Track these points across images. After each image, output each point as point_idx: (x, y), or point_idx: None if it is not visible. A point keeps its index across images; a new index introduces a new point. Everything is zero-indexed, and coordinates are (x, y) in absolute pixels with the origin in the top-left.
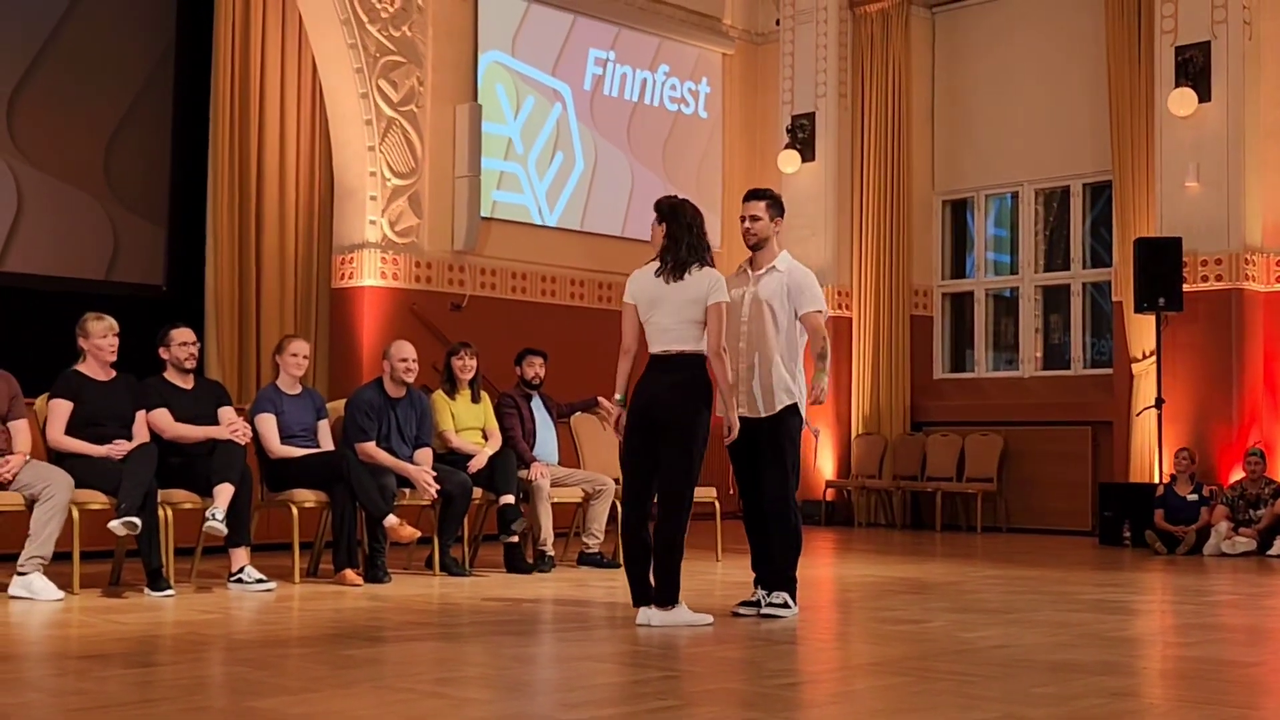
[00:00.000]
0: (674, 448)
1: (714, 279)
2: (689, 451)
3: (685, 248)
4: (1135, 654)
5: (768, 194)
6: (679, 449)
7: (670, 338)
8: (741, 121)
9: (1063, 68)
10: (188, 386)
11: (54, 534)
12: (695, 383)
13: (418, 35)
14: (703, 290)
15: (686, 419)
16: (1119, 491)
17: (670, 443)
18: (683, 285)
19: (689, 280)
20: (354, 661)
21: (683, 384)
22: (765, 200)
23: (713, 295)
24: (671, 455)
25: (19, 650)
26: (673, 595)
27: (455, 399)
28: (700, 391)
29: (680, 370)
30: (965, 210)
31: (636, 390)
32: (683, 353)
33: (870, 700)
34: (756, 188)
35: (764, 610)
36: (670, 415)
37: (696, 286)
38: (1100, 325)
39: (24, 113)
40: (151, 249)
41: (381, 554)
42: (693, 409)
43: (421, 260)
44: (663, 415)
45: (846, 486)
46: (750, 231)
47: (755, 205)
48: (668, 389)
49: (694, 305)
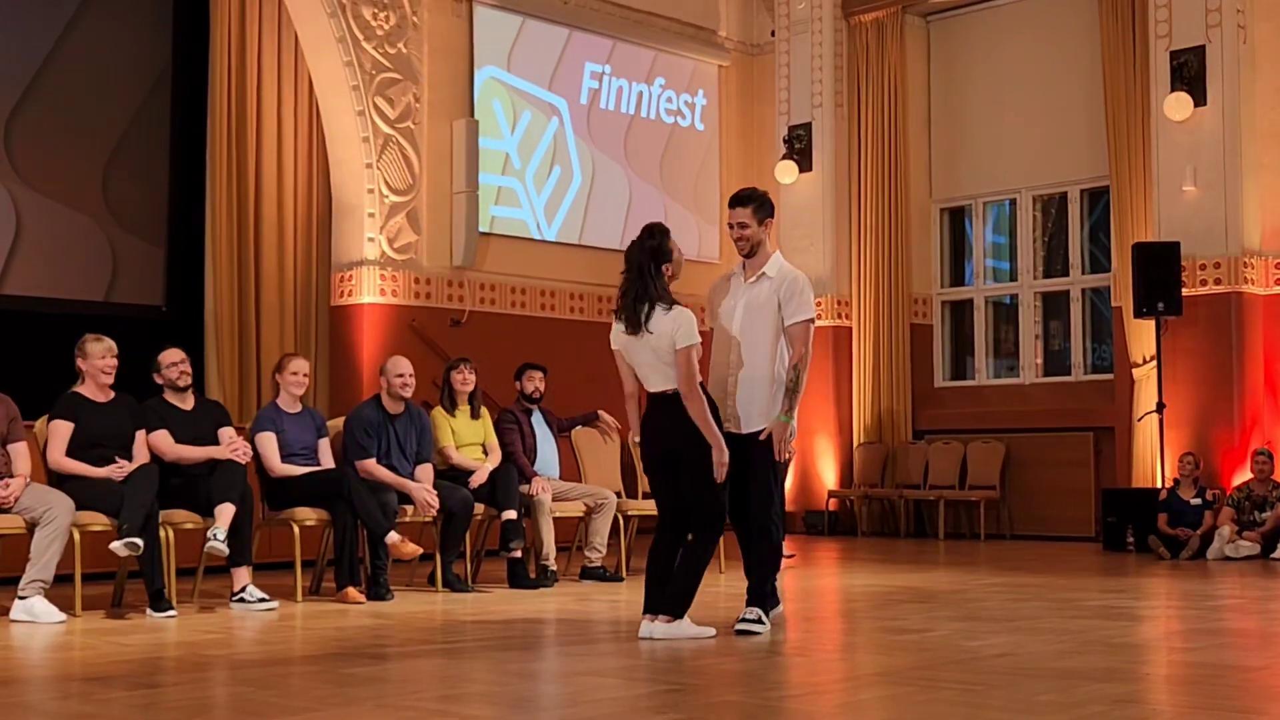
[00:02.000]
0: (696, 481)
1: (677, 321)
2: (710, 483)
3: (633, 298)
4: (1140, 660)
5: (753, 196)
6: (701, 482)
7: (656, 380)
8: (738, 133)
9: (1058, 74)
10: (188, 407)
11: (55, 557)
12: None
13: (413, 52)
14: (667, 337)
15: (700, 452)
16: (1122, 497)
17: (690, 477)
18: (649, 337)
19: (653, 328)
20: (357, 680)
21: (686, 419)
22: (752, 205)
23: (679, 339)
24: (695, 489)
25: (21, 674)
26: (681, 609)
27: (455, 415)
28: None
29: (679, 407)
30: (963, 218)
31: (644, 429)
32: (677, 391)
33: (875, 711)
34: (740, 191)
35: (738, 627)
36: (682, 451)
37: (660, 334)
38: (1100, 331)
39: (21, 136)
40: (150, 270)
41: (384, 571)
42: (703, 442)
43: (420, 276)
44: (676, 451)
45: (849, 496)
46: (741, 239)
47: (742, 212)
48: (673, 426)
49: (666, 350)
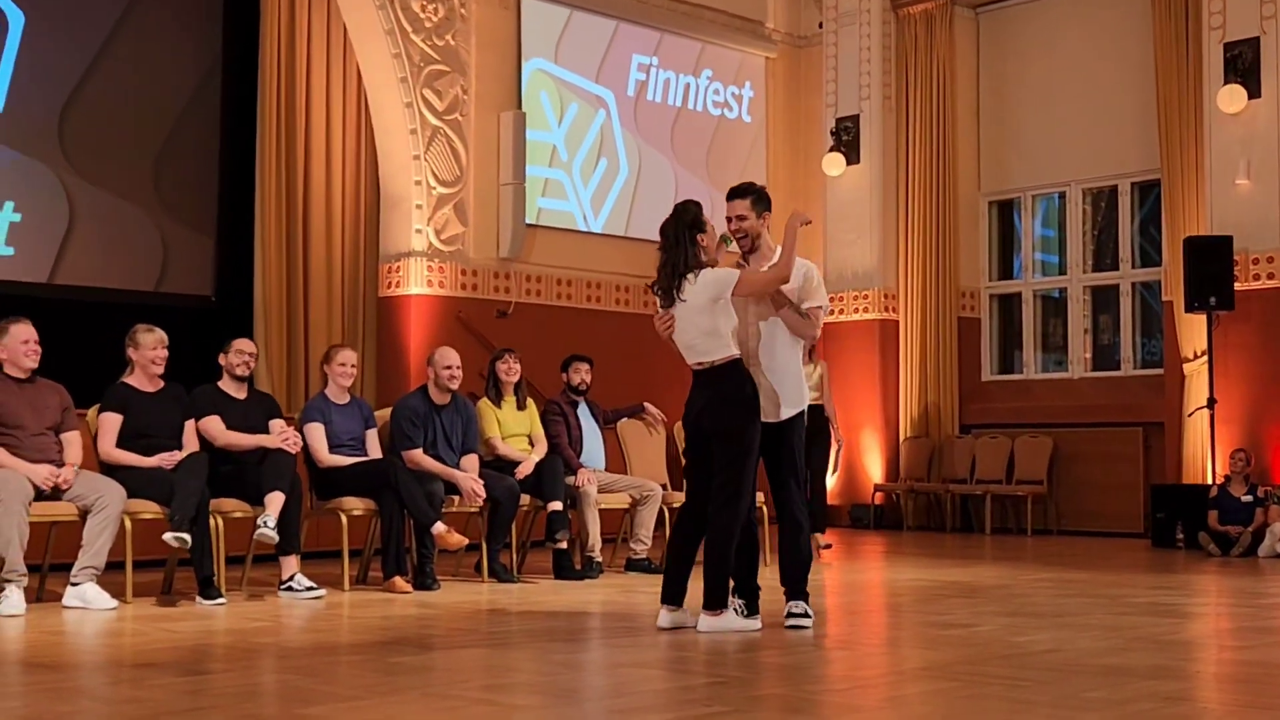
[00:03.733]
0: (724, 458)
1: (706, 280)
2: (737, 461)
3: (668, 270)
4: (1189, 658)
5: (750, 189)
6: (728, 459)
7: (693, 352)
8: (785, 125)
9: (1109, 66)
10: (241, 396)
11: (107, 544)
12: (736, 393)
13: (461, 44)
14: (701, 300)
15: (733, 429)
16: (1172, 493)
17: (720, 453)
18: (683, 306)
19: (686, 295)
20: (403, 669)
21: (723, 397)
22: (750, 197)
23: (720, 289)
24: (721, 465)
25: (74, 659)
26: (720, 600)
27: (501, 406)
28: (742, 399)
29: (717, 383)
30: (1012, 211)
31: (687, 404)
32: (713, 364)
33: (920, 705)
34: (737, 185)
35: (789, 623)
36: (716, 426)
37: (693, 301)
38: (1150, 325)
39: (74, 127)
40: (201, 260)
41: (430, 561)
42: (737, 419)
43: (467, 268)
44: (709, 426)
45: (895, 490)
46: (740, 231)
47: (740, 204)
48: (710, 402)
49: (703, 317)
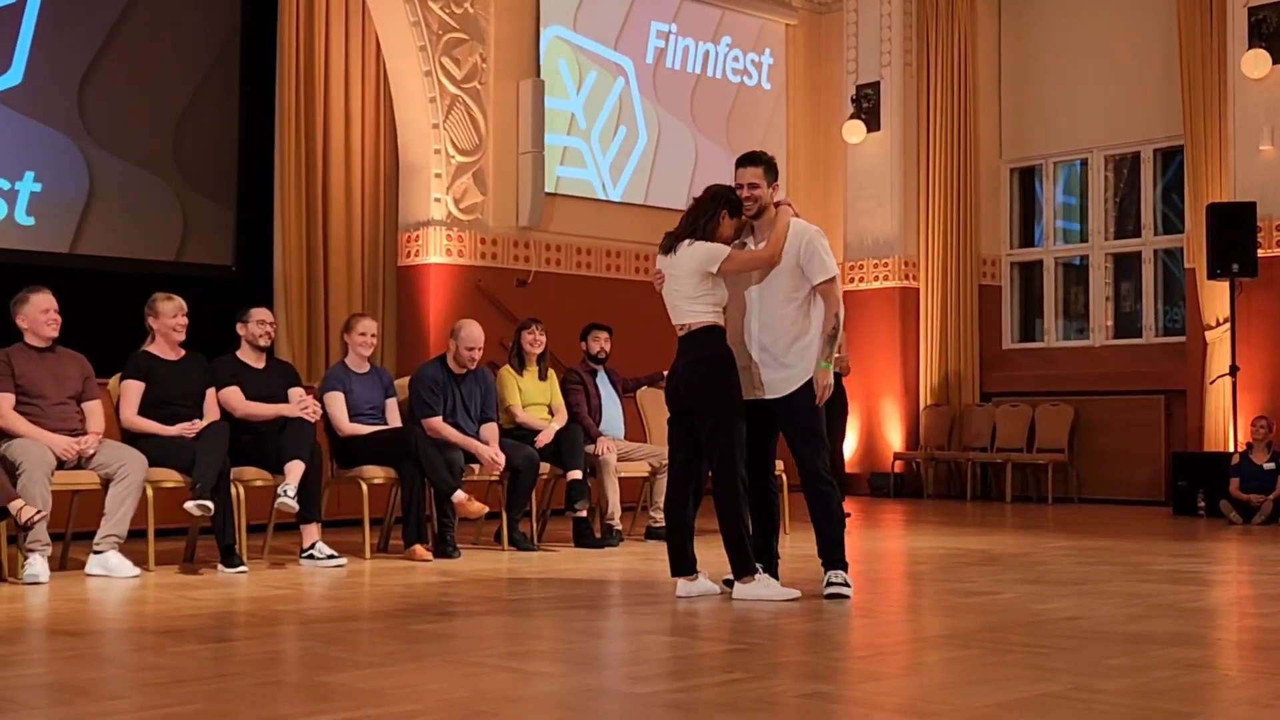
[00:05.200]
0: (706, 428)
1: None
2: (720, 429)
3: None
4: (1210, 625)
5: (762, 157)
6: (710, 429)
7: (676, 313)
8: (805, 92)
9: (1132, 31)
10: (260, 366)
11: (129, 512)
12: (705, 359)
13: (480, 12)
14: (688, 265)
15: (703, 395)
16: (1193, 461)
17: (701, 423)
18: (673, 260)
19: (680, 252)
20: (424, 636)
21: (694, 363)
22: (762, 165)
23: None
24: (707, 437)
25: (97, 626)
26: (746, 568)
27: (523, 375)
28: (712, 366)
29: (691, 349)
30: (1033, 178)
31: (669, 371)
32: (689, 329)
33: (941, 672)
34: (748, 152)
35: (827, 591)
36: (689, 393)
37: (681, 262)
38: (1172, 293)
39: (94, 97)
40: (220, 230)
41: (450, 529)
42: (705, 385)
43: (486, 237)
44: (685, 394)
45: (915, 458)
46: (751, 199)
47: (753, 172)
48: (684, 368)
49: (686, 280)
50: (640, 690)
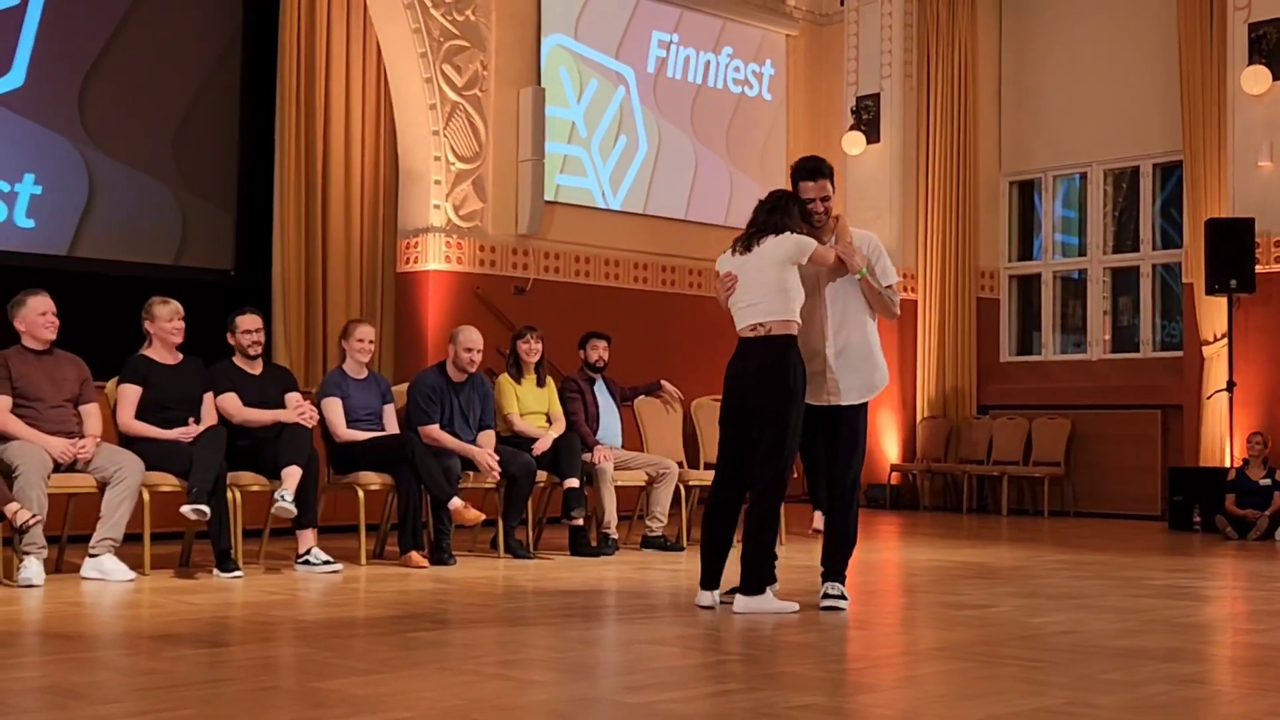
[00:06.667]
0: (766, 441)
1: (790, 238)
2: (780, 445)
3: (760, 224)
4: (1204, 640)
5: (826, 167)
6: (770, 443)
7: (749, 313)
8: (806, 103)
9: (1132, 46)
10: (255, 372)
11: (125, 516)
12: (783, 374)
13: (481, 19)
14: (783, 251)
15: (775, 411)
16: (1189, 476)
17: (761, 436)
18: (755, 253)
19: (763, 244)
20: (419, 643)
21: (770, 375)
22: (829, 176)
23: (801, 248)
24: (764, 450)
25: (92, 630)
26: (758, 583)
27: (520, 383)
28: (789, 381)
29: (767, 356)
30: (1033, 191)
31: (726, 375)
32: (769, 332)
33: (935, 685)
34: (812, 162)
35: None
36: (760, 405)
37: (764, 252)
38: (1170, 307)
39: (95, 101)
40: (220, 234)
41: (446, 536)
42: (781, 401)
43: (485, 244)
44: (753, 404)
45: (911, 470)
46: (826, 210)
47: (824, 184)
48: (757, 377)
49: (775, 268)
50: (634, 700)
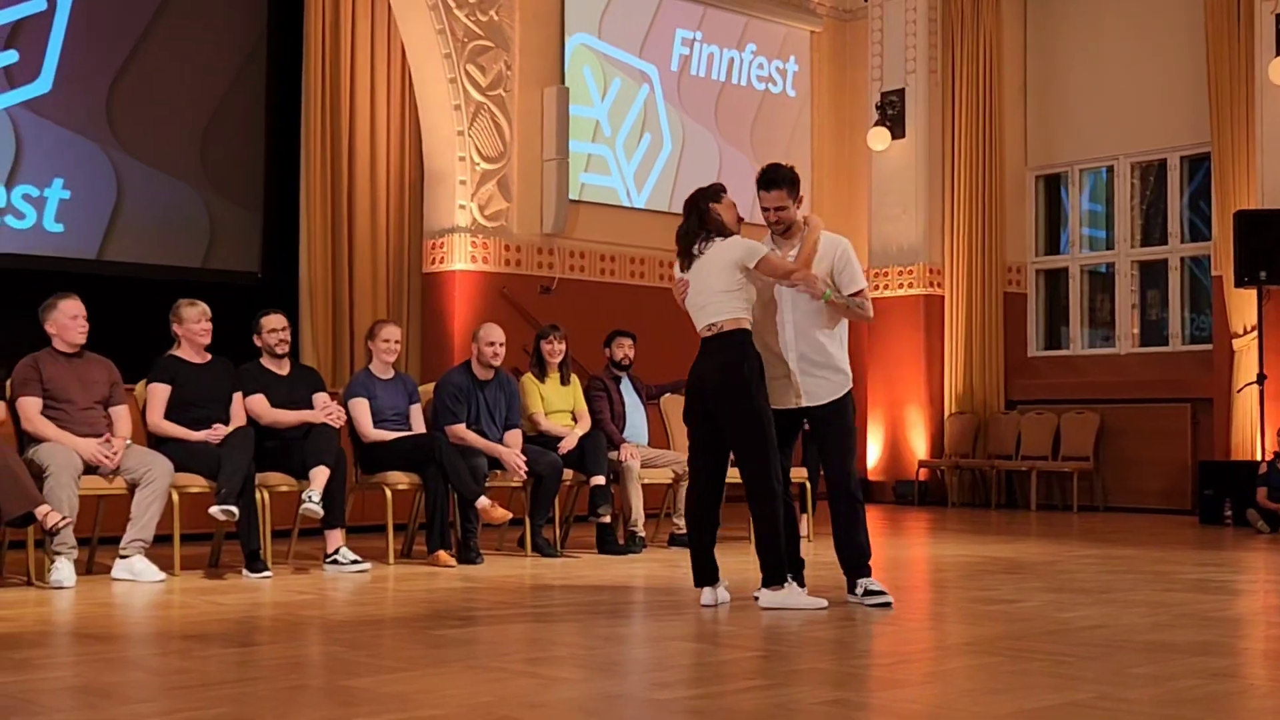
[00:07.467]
0: (738, 442)
1: (736, 241)
2: (754, 441)
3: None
4: (1236, 635)
5: (783, 177)
6: (743, 442)
7: (702, 315)
8: (830, 99)
9: (1159, 38)
10: (283, 372)
11: (155, 517)
12: (736, 367)
13: (505, 19)
14: (718, 260)
15: (734, 406)
16: (1220, 470)
17: (733, 437)
18: (698, 262)
19: (702, 251)
20: (447, 641)
21: (723, 369)
22: (785, 186)
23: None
24: (741, 451)
25: (122, 630)
26: (778, 575)
27: (545, 382)
28: (742, 374)
29: (719, 352)
30: (1059, 185)
31: (689, 376)
32: (720, 329)
33: (964, 680)
34: (767, 172)
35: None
36: (718, 403)
37: (708, 259)
38: (1199, 300)
39: (122, 104)
40: (247, 236)
41: (474, 535)
42: (737, 395)
43: (511, 244)
44: (713, 403)
45: (940, 466)
46: (780, 222)
47: (777, 195)
48: (711, 374)
49: (721, 272)
50: (662, 696)
